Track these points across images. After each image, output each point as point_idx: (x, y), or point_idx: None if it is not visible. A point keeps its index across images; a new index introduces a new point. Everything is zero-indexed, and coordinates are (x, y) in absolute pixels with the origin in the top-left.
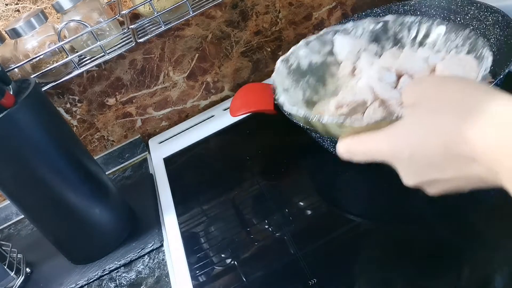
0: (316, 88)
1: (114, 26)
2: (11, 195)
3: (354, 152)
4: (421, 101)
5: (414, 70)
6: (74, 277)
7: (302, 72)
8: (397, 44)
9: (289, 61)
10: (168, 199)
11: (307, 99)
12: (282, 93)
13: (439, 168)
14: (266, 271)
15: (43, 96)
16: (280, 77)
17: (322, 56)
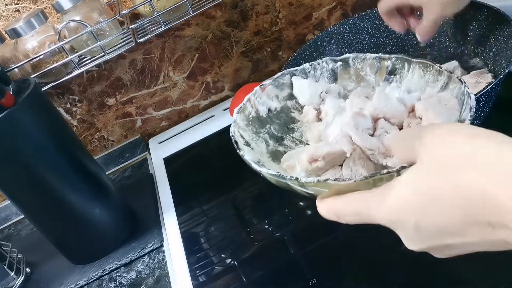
0: (279, 137)
1: (114, 26)
2: (11, 195)
3: (342, 214)
4: (423, 155)
5: (391, 113)
6: (74, 277)
7: (262, 121)
8: (360, 82)
9: (246, 110)
10: (168, 199)
11: (271, 150)
12: (244, 148)
13: (456, 235)
14: (266, 271)
15: (43, 96)
16: (239, 130)
17: (281, 101)
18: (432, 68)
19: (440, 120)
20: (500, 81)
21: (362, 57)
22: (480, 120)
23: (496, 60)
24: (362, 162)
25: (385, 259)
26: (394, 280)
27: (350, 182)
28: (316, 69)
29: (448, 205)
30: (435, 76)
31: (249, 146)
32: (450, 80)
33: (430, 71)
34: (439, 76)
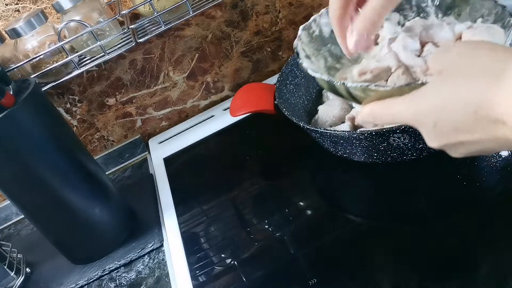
0: (338, 56)
1: (114, 26)
2: (11, 195)
3: (378, 115)
4: (450, 67)
5: (439, 38)
6: (74, 277)
7: (324, 39)
8: (420, 13)
9: (311, 28)
10: (168, 199)
11: (329, 66)
12: (304, 59)
13: (466, 131)
14: (266, 271)
15: (43, 96)
16: (301, 44)
17: None
18: (488, 2)
19: None
20: None
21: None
22: None
23: None
24: (405, 78)
25: (385, 259)
26: (394, 280)
27: (388, 89)
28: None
29: (461, 106)
30: (490, 10)
31: (309, 59)
32: (503, 13)
33: (485, 4)
34: (493, 10)
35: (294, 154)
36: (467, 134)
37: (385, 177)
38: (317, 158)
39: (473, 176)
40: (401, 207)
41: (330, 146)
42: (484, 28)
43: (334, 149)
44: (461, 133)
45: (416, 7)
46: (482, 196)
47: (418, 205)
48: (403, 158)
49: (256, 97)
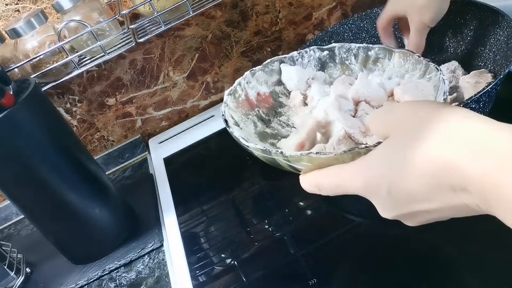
0: (267, 120)
1: (114, 26)
2: (11, 195)
3: (322, 186)
4: (395, 129)
5: (371, 96)
6: (74, 277)
7: (251, 104)
8: (345, 71)
9: (237, 93)
10: (168, 199)
11: (259, 132)
12: (233, 127)
13: (423, 200)
14: (266, 271)
15: (43, 96)
16: (229, 111)
17: (270, 86)
18: (412, 57)
19: None
20: (500, 81)
21: (348, 47)
22: None
23: (496, 60)
24: (345, 142)
25: (385, 259)
26: (394, 281)
27: (330, 156)
28: (304, 57)
29: (415, 172)
30: (414, 64)
31: (238, 126)
32: (428, 68)
33: (410, 60)
34: (417, 65)
35: None
36: (424, 203)
37: None
38: None
39: None
40: None
41: None
42: (413, 85)
43: None
44: (416, 203)
45: (340, 65)
46: None
47: None
48: None
49: None
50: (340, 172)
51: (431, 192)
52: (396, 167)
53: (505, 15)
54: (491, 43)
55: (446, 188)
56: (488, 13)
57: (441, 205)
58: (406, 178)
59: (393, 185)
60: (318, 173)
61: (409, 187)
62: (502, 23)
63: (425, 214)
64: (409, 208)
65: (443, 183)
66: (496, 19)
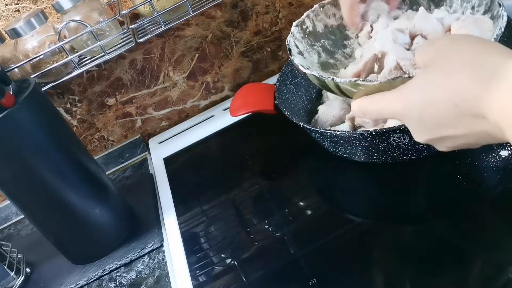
0: (331, 51)
1: (114, 26)
2: (11, 195)
3: (367, 110)
4: (434, 61)
5: (428, 30)
6: (74, 277)
7: (317, 35)
8: (413, 6)
9: (304, 24)
10: (168, 199)
11: (322, 62)
12: (297, 56)
13: (450, 125)
14: (266, 271)
15: (43, 96)
16: (294, 41)
17: (338, 19)
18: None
19: None
20: None
21: None
22: None
23: None
24: (396, 72)
25: (385, 259)
26: (394, 280)
27: (376, 83)
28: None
29: (443, 99)
30: (480, 0)
31: (302, 55)
32: (493, 3)
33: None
34: (484, 1)
35: (294, 154)
36: (450, 128)
37: (385, 177)
38: (317, 158)
39: (473, 176)
40: (401, 207)
41: (330, 146)
42: (472, 20)
43: (334, 149)
44: (444, 128)
45: (408, 0)
46: (482, 196)
47: (418, 205)
48: (403, 158)
49: (256, 97)
50: (382, 99)
51: (455, 119)
52: (427, 94)
53: None
54: None
55: (468, 115)
56: None
57: (466, 131)
58: (435, 105)
59: (424, 110)
60: (365, 99)
61: (437, 113)
62: None
63: (453, 139)
64: (438, 133)
65: (466, 110)
66: None
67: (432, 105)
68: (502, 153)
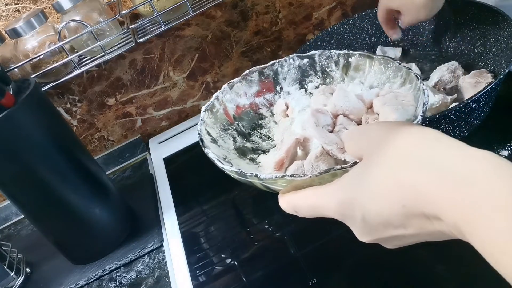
0: (247, 133)
1: (114, 26)
2: (11, 195)
3: (299, 208)
4: (368, 153)
5: (350, 109)
6: (74, 277)
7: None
8: (326, 79)
9: (214, 107)
10: (168, 199)
11: (238, 147)
12: (211, 146)
13: (398, 226)
14: (266, 271)
15: (43, 96)
16: (206, 128)
17: (250, 97)
18: (392, 64)
19: (396, 115)
20: (500, 81)
21: (328, 54)
22: (480, 120)
23: (496, 60)
24: (323, 159)
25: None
26: (394, 280)
27: (306, 178)
28: (283, 65)
29: (388, 199)
30: (395, 72)
31: (216, 143)
32: (408, 76)
33: (390, 67)
34: (398, 72)
35: None
36: (399, 229)
37: None
38: None
39: None
40: None
41: None
42: (393, 95)
43: None
44: (392, 229)
45: (320, 73)
46: None
47: None
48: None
49: None
50: (315, 196)
51: (406, 219)
52: (369, 193)
53: (505, 15)
54: (491, 43)
55: (419, 216)
56: (488, 13)
57: (417, 231)
58: (380, 205)
59: (367, 211)
60: (295, 195)
61: (383, 214)
62: (502, 23)
63: (402, 239)
64: (386, 233)
65: (416, 211)
66: (496, 19)
67: (375, 204)
68: (502, 153)
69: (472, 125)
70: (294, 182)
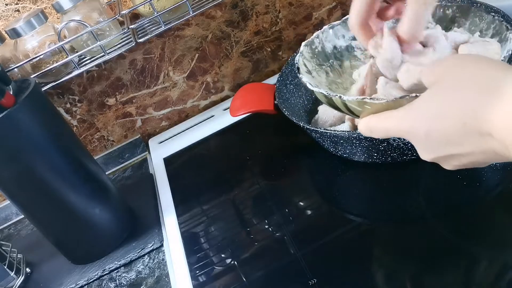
0: (340, 71)
1: (114, 26)
2: (11, 195)
3: (374, 129)
4: (442, 78)
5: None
6: (74, 277)
7: (326, 55)
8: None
9: (313, 44)
10: (168, 199)
11: (330, 81)
12: (305, 74)
13: (457, 144)
14: (266, 271)
15: (43, 96)
16: (303, 60)
17: (347, 40)
18: (487, 16)
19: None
20: None
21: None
22: None
23: None
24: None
25: (385, 259)
26: (394, 280)
27: (383, 102)
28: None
29: (450, 118)
30: (489, 24)
31: (311, 74)
32: (501, 27)
33: (485, 19)
34: (492, 24)
35: (294, 154)
36: (457, 146)
37: (385, 177)
38: (317, 158)
39: (473, 176)
40: (401, 207)
41: (330, 146)
42: (481, 43)
43: (334, 149)
44: (451, 146)
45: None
46: (482, 196)
47: (418, 205)
48: (403, 158)
49: (256, 97)
50: (389, 117)
51: (463, 136)
52: (435, 112)
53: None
54: None
55: (475, 134)
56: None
57: (472, 149)
58: (442, 122)
59: (431, 128)
60: (372, 118)
61: (444, 131)
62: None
63: (460, 158)
64: (445, 151)
65: (474, 129)
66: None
67: (439, 122)
68: None
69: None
70: (373, 106)
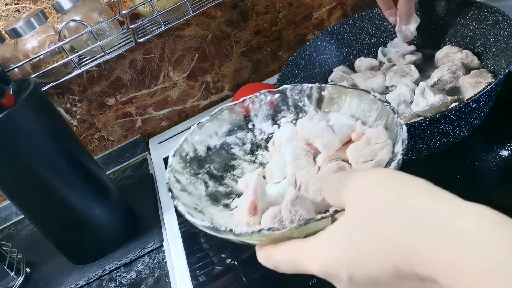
0: (219, 176)
1: (114, 26)
2: (11, 195)
3: (278, 263)
4: (351, 203)
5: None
6: (74, 277)
7: (200, 161)
8: (299, 113)
9: (183, 151)
10: (168, 199)
11: (211, 192)
12: (180, 196)
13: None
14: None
15: (43, 96)
16: (175, 174)
17: (221, 137)
18: (367, 97)
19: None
20: (500, 81)
21: (300, 88)
22: (480, 120)
23: (496, 60)
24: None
25: None
26: None
27: (284, 231)
28: (255, 102)
29: (379, 259)
30: (370, 105)
31: (186, 191)
32: (384, 109)
33: (365, 99)
34: (373, 105)
35: None
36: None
37: None
38: None
39: (473, 176)
40: None
41: None
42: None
43: None
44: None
45: (293, 107)
46: (482, 196)
47: None
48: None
49: None
50: (296, 251)
51: (397, 280)
52: (356, 252)
53: (505, 15)
54: (491, 43)
55: (412, 277)
56: (488, 13)
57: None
58: (369, 265)
59: (354, 271)
60: (273, 249)
61: (373, 274)
62: (502, 23)
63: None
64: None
65: (409, 272)
66: (496, 19)
67: (364, 262)
68: (502, 153)
69: (472, 125)
70: (272, 236)
